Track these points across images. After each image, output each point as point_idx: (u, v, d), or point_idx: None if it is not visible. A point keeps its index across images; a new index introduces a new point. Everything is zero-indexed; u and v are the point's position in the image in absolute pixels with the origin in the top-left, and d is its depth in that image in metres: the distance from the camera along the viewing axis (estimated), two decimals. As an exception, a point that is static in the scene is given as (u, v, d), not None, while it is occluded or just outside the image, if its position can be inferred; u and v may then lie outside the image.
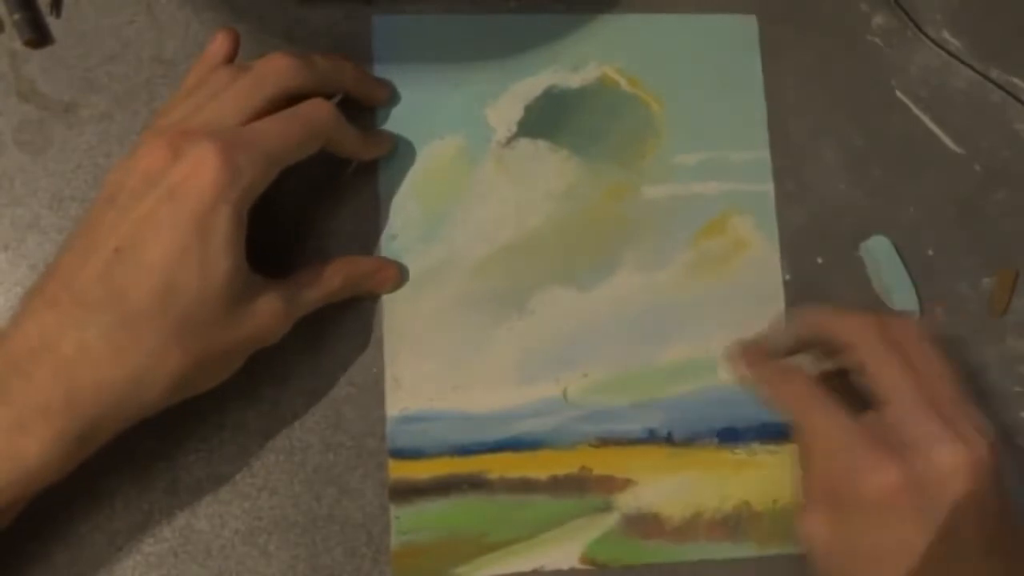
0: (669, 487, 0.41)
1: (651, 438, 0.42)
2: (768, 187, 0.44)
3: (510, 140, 0.43)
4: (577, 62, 0.44)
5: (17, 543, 0.37)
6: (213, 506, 0.39)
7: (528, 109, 0.44)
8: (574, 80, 0.44)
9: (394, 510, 0.40)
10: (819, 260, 0.44)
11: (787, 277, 0.44)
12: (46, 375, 0.32)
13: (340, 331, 0.41)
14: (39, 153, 0.41)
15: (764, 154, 0.45)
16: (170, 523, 0.39)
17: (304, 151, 0.37)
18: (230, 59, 0.39)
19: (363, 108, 0.42)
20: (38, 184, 0.41)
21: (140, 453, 0.39)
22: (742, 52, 0.45)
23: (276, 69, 0.37)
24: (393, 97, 0.43)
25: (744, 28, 0.46)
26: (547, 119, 0.44)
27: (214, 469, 0.39)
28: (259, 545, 0.39)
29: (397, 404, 0.41)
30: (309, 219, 0.42)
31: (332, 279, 0.39)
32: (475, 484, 0.41)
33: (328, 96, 0.39)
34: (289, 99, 0.37)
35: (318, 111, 0.37)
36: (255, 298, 0.36)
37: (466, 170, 0.43)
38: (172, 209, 0.33)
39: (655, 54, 0.45)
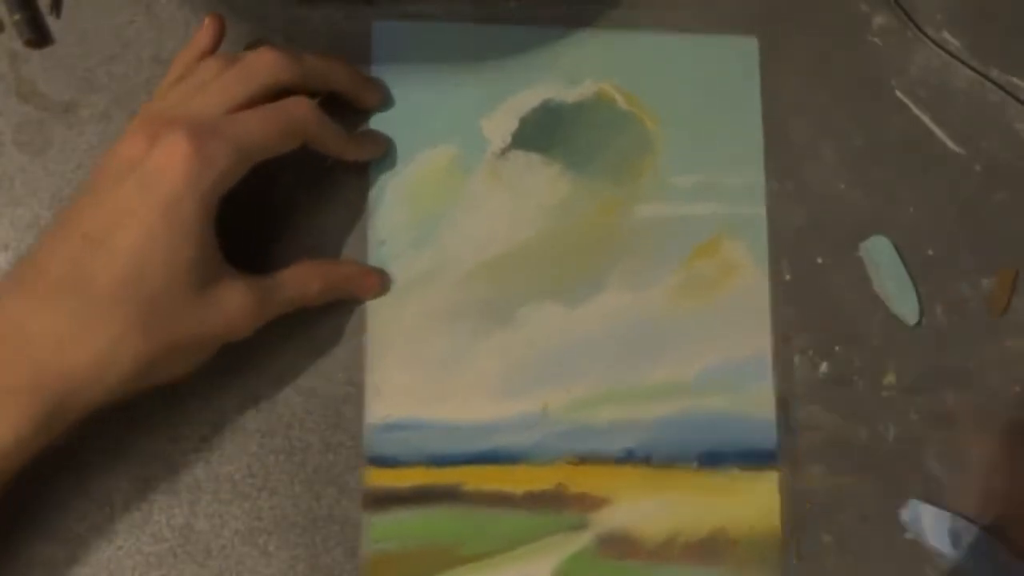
0: (645, 508, 0.41)
1: (628, 458, 0.41)
2: (761, 212, 0.44)
3: (504, 151, 0.43)
4: (574, 76, 0.44)
5: (17, 544, 0.37)
6: (213, 506, 0.39)
7: (523, 121, 0.43)
8: (571, 94, 0.44)
9: (369, 518, 0.40)
10: (819, 260, 0.44)
11: (787, 277, 0.44)
12: (13, 356, 0.33)
13: (340, 331, 0.41)
14: (39, 153, 0.41)
15: (759, 179, 0.44)
16: (170, 523, 0.39)
17: (282, 146, 0.37)
18: (216, 46, 0.39)
19: (358, 111, 0.42)
20: (38, 184, 0.41)
21: (140, 454, 0.39)
22: (741, 75, 0.45)
23: (264, 63, 0.37)
24: (386, 102, 0.43)
25: (744, 50, 0.45)
26: (542, 132, 0.44)
27: (214, 469, 0.39)
28: (259, 545, 0.39)
29: (377, 412, 0.40)
30: (299, 221, 0.42)
31: (310, 282, 0.39)
32: (451, 495, 0.40)
33: (317, 94, 0.39)
34: (277, 94, 0.37)
35: (299, 107, 0.37)
36: (225, 290, 0.36)
37: (459, 179, 0.43)
38: (142, 197, 0.34)
39: (654, 73, 0.45)
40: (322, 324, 0.41)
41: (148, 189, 0.34)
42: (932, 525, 0.42)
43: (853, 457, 0.43)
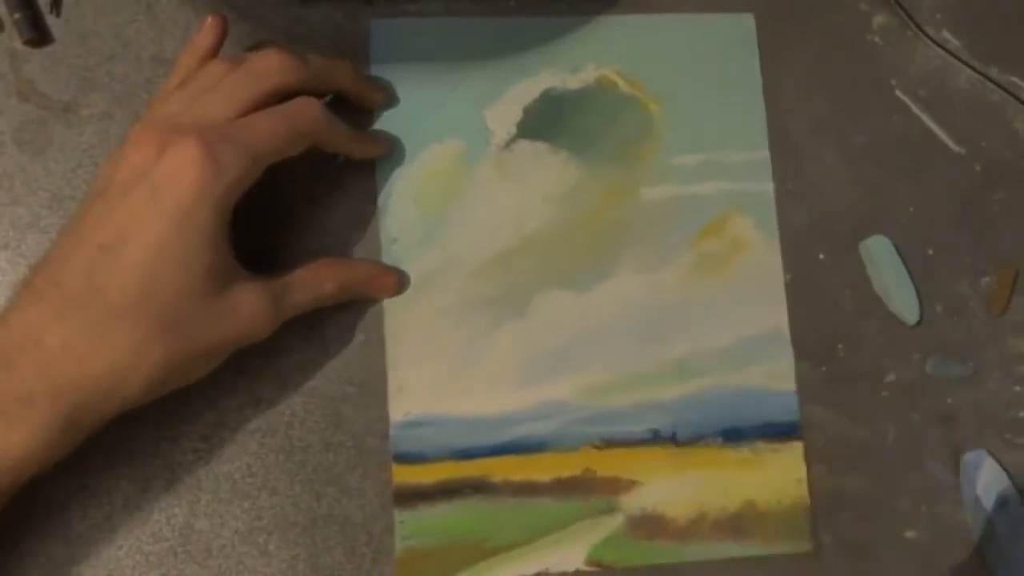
0: (673, 487, 0.41)
1: (655, 439, 0.42)
2: (768, 187, 0.44)
3: (509, 143, 0.43)
4: (575, 64, 0.44)
5: (17, 543, 0.37)
6: (213, 506, 0.39)
7: (527, 111, 0.44)
8: (572, 82, 0.44)
9: (397, 515, 0.40)
10: (819, 260, 0.44)
11: (788, 277, 0.44)
12: (29, 368, 0.32)
13: (340, 331, 0.41)
14: (39, 153, 0.41)
15: (763, 154, 0.45)
16: (170, 522, 0.39)
17: (291, 149, 0.37)
18: (218, 48, 0.39)
19: (361, 110, 0.42)
20: (38, 184, 0.41)
21: (140, 453, 0.39)
22: (740, 51, 0.45)
23: (270, 66, 0.37)
24: (389, 100, 0.43)
25: (741, 27, 0.46)
26: (546, 121, 0.44)
27: (214, 469, 0.39)
28: (259, 545, 0.39)
29: (400, 409, 0.41)
30: (309, 222, 0.42)
31: (324, 283, 0.39)
32: (478, 488, 0.40)
33: (321, 95, 0.39)
34: (282, 96, 0.37)
35: (307, 109, 0.37)
36: (240, 295, 0.36)
37: (465, 173, 0.43)
38: (154, 206, 0.34)
39: (653, 55, 0.45)
40: (323, 324, 0.41)
41: (160, 197, 0.34)
42: (987, 479, 0.42)
43: (853, 457, 0.43)
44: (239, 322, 0.36)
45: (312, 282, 0.38)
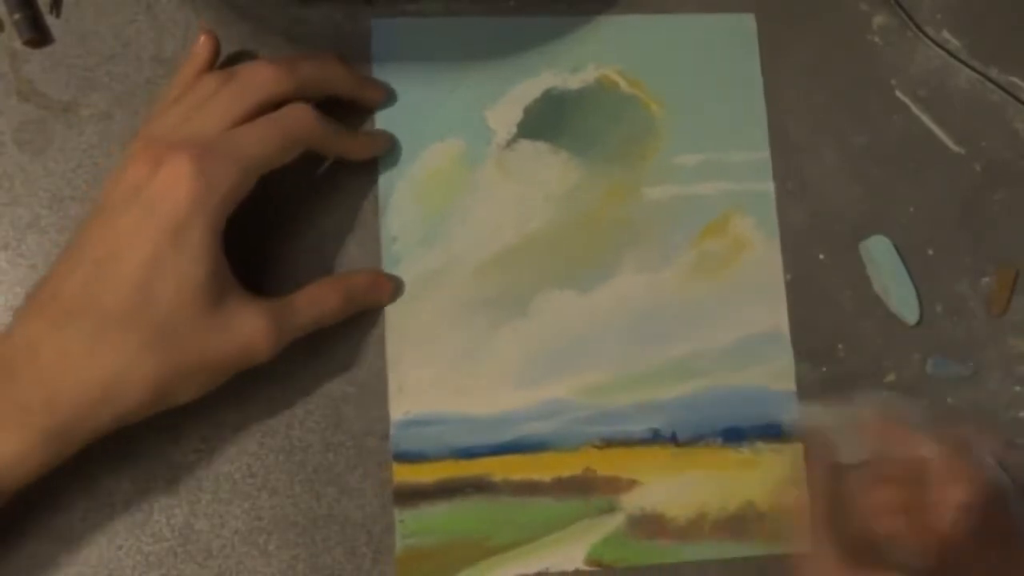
0: (674, 487, 0.41)
1: (655, 438, 0.42)
2: (769, 187, 0.44)
3: (510, 142, 0.43)
4: (576, 64, 0.44)
5: (17, 543, 0.37)
6: (213, 506, 0.39)
7: (527, 111, 0.44)
8: (573, 82, 0.44)
9: (398, 514, 0.40)
10: (819, 260, 0.44)
11: (788, 277, 0.44)
12: (27, 376, 0.33)
13: (340, 331, 0.41)
14: (39, 153, 0.41)
15: (764, 154, 0.45)
16: (170, 523, 0.39)
17: (284, 156, 0.37)
18: (212, 62, 0.40)
19: (361, 110, 0.42)
20: (38, 184, 0.41)
21: (140, 453, 0.39)
22: (741, 51, 0.45)
23: (260, 78, 0.38)
24: (388, 98, 0.43)
25: (742, 27, 0.46)
26: (547, 121, 0.44)
27: (214, 469, 0.39)
28: (259, 545, 0.39)
29: (400, 408, 0.41)
30: (309, 222, 0.42)
31: (328, 299, 0.39)
32: (479, 487, 0.40)
33: (317, 99, 0.39)
34: (274, 106, 0.38)
35: (297, 116, 0.37)
36: (238, 312, 0.36)
37: (466, 172, 0.43)
38: (148, 221, 0.34)
39: (654, 55, 0.45)
40: (323, 324, 0.41)
41: (153, 214, 0.34)
42: None
43: (853, 457, 0.43)
44: (236, 339, 0.36)
45: (314, 303, 0.38)
